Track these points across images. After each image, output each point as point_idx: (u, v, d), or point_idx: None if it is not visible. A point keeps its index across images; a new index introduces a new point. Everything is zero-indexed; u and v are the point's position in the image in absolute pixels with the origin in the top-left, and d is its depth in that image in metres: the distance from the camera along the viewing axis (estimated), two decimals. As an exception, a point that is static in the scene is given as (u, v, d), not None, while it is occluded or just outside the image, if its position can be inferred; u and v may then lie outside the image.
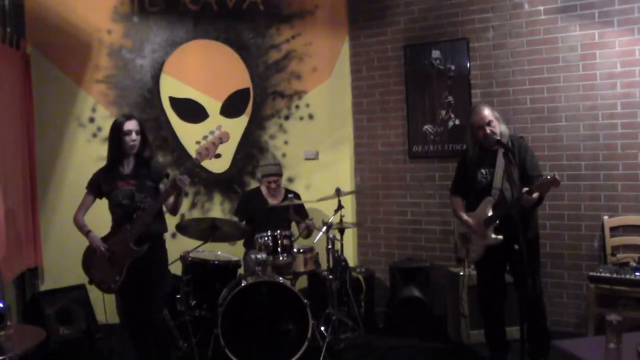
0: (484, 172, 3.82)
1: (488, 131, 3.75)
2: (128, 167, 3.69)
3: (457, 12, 5.06)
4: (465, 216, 3.89)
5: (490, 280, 3.94)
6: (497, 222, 3.72)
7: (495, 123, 3.78)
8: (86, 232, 3.71)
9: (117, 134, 3.65)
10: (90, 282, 3.78)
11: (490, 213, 3.75)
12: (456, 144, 5.09)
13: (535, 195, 3.56)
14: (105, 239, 3.68)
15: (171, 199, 3.64)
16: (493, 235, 3.75)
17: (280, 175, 5.01)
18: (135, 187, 3.63)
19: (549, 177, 3.49)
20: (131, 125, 3.62)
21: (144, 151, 3.71)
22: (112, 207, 3.70)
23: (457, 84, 5.07)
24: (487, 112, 3.79)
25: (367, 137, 5.57)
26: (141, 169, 3.68)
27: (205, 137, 3.61)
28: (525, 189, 3.55)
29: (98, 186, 3.73)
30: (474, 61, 5.01)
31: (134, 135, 3.62)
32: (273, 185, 4.91)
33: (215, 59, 5.44)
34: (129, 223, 3.58)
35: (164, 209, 3.73)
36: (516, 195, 3.61)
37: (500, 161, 3.75)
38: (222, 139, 3.61)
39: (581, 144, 4.61)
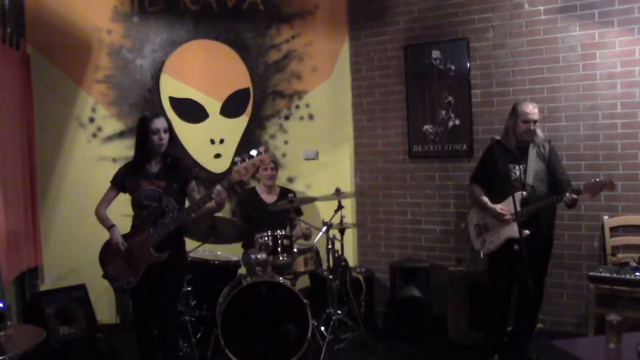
0: (514, 167, 3.89)
1: (532, 128, 3.87)
2: (155, 165, 3.62)
3: (457, 12, 5.06)
4: (491, 204, 3.93)
5: (503, 273, 3.95)
6: (526, 217, 3.76)
7: (537, 123, 3.92)
8: (109, 226, 3.61)
9: (144, 132, 3.55)
10: (104, 277, 3.71)
11: (519, 207, 3.76)
12: (456, 144, 5.09)
13: (577, 197, 3.71)
14: (125, 237, 3.61)
15: (213, 205, 3.56)
16: (525, 230, 3.75)
17: (275, 163, 5.01)
18: (163, 190, 3.57)
19: (603, 180, 3.68)
20: (160, 123, 3.54)
21: (171, 150, 3.64)
22: (135, 207, 3.63)
23: (457, 84, 5.07)
24: (536, 110, 3.92)
25: (367, 137, 5.57)
26: (169, 170, 3.62)
27: (246, 156, 3.50)
28: (573, 188, 3.72)
29: (122, 181, 3.65)
30: (474, 61, 5.00)
31: (162, 134, 3.54)
32: (269, 172, 4.89)
33: (215, 59, 5.44)
34: (153, 226, 3.52)
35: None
36: (545, 194, 3.80)
37: (533, 159, 3.87)
38: (264, 161, 3.54)
39: (581, 144, 4.61)
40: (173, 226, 3.51)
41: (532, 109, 3.89)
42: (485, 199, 3.99)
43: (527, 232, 3.72)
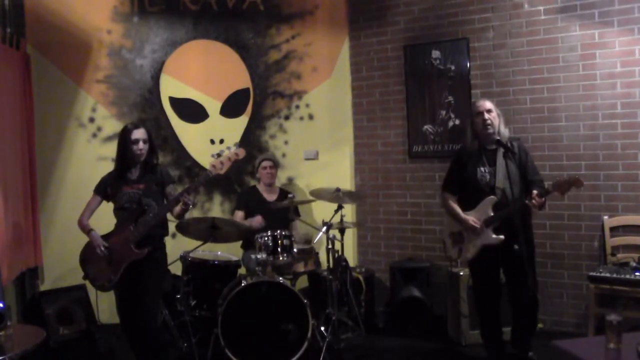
0: (483, 171, 3.81)
1: (486, 117, 3.77)
2: (135, 172, 3.76)
3: (457, 12, 5.06)
4: (463, 214, 3.87)
5: (487, 280, 3.93)
6: (498, 222, 3.72)
7: (494, 114, 3.81)
8: (88, 231, 3.77)
9: (124, 141, 3.71)
10: (85, 277, 3.83)
11: (491, 213, 3.75)
12: (456, 144, 5.08)
13: (542, 199, 3.59)
14: (106, 237, 3.73)
15: (178, 208, 3.70)
16: (494, 236, 3.74)
17: (274, 162, 5.06)
18: (142, 191, 3.68)
19: (571, 177, 3.55)
20: (139, 134, 3.68)
21: (151, 158, 3.78)
22: (116, 210, 3.76)
23: (457, 84, 5.07)
24: (488, 102, 3.85)
25: (367, 137, 5.57)
26: (148, 174, 3.75)
27: (222, 151, 3.65)
28: (535, 191, 3.59)
29: (105, 189, 3.80)
30: (474, 61, 5.00)
31: (141, 144, 3.68)
32: (269, 171, 4.97)
33: (215, 59, 5.44)
34: (133, 225, 3.60)
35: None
36: (517, 196, 3.64)
37: (500, 161, 3.74)
38: (239, 155, 3.66)
39: (581, 144, 4.61)
40: (154, 221, 3.60)
41: (482, 102, 3.86)
42: (457, 209, 3.90)
43: (501, 237, 3.70)
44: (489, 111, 3.79)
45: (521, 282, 3.64)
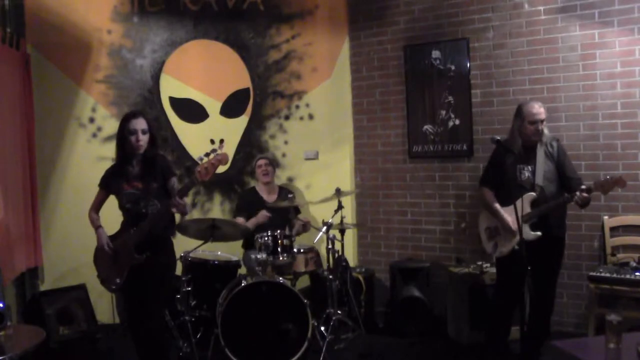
0: (522, 168, 3.81)
1: (540, 128, 3.77)
2: (136, 166, 3.58)
3: (457, 12, 5.06)
4: (503, 212, 3.85)
5: (514, 278, 3.84)
6: (536, 218, 3.71)
7: (545, 122, 3.83)
8: (96, 227, 3.64)
9: (121, 132, 3.52)
10: (98, 276, 3.74)
11: (529, 209, 3.73)
12: (456, 144, 5.09)
13: (588, 195, 3.59)
14: (113, 237, 3.62)
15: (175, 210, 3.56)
16: (532, 232, 3.72)
17: (270, 160, 5.05)
18: (140, 192, 3.54)
19: (614, 177, 3.56)
20: (137, 124, 3.48)
21: (152, 150, 3.58)
22: (121, 208, 3.65)
23: (457, 84, 5.07)
24: (543, 110, 3.82)
25: (367, 137, 5.57)
26: (146, 170, 3.56)
27: (207, 154, 3.44)
28: (583, 187, 3.61)
29: (107, 184, 3.66)
30: (474, 61, 5.00)
31: (140, 135, 3.48)
32: (264, 168, 4.96)
33: (215, 59, 5.44)
34: (134, 228, 3.52)
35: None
36: (554, 194, 3.72)
37: (541, 158, 3.78)
38: (222, 161, 3.45)
39: (581, 144, 4.61)
40: (148, 226, 3.46)
41: (538, 109, 3.79)
42: (497, 206, 3.88)
43: (538, 233, 3.68)
44: (543, 121, 3.79)
45: (524, 282, 3.64)
